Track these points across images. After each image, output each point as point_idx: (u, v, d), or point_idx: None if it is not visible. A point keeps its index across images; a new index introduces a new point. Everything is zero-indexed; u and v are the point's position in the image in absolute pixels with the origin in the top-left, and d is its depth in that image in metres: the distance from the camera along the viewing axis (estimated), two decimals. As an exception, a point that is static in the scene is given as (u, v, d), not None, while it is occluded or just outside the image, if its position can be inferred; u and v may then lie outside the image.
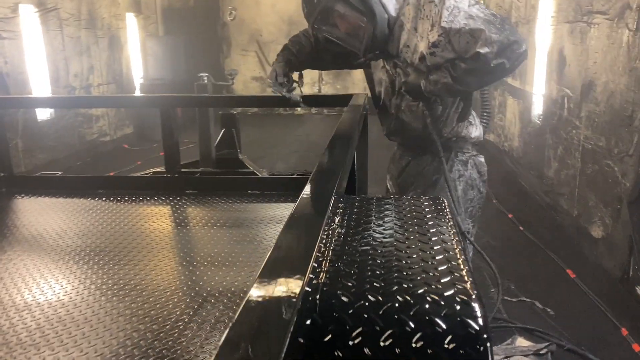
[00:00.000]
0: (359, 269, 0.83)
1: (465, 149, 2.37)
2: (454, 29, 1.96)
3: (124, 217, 2.37)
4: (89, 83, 7.76)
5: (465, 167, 2.35)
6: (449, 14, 1.97)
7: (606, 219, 3.90)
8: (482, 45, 1.92)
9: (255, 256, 1.94)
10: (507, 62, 1.96)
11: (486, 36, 1.91)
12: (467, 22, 1.95)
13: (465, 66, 1.99)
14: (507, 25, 2.00)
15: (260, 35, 11.60)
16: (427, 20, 2.05)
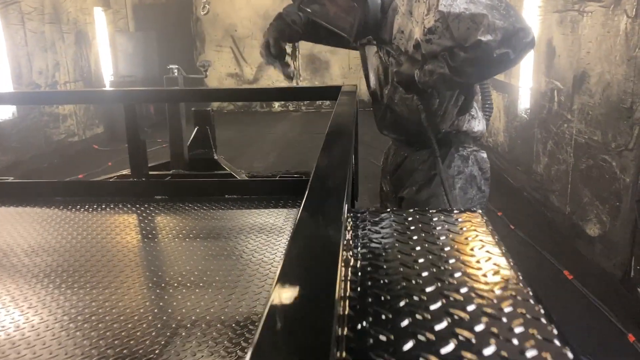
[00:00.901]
0: (395, 307, 0.58)
1: (467, 143, 2.17)
2: (452, 13, 1.73)
3: (83, 228, 2.08)
4: (55, 81, 7.36)
5: (465, 163, 2.15)
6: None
7: (603, 217, 3.73)
8: (484, 33, 1.69)
9: (234, 274, 1.68)
10: (512, 52, 1.74)
11: (489, 22, 1.69)
12: (467, 6, 1.72)
13: (465, 55, 1.76)
14: (513, 11, 1.78)
15: (235, 30, 11.28)
16: (422, 3, 1.83)
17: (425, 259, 0.71)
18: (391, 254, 0.73)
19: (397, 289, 0.65)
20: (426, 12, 1.81)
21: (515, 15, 1.76)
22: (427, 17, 1.81)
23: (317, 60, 11.10)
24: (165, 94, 2.60)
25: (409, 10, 1.88)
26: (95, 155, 7.65)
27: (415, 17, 1.87)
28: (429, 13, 1.80)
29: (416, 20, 1.87)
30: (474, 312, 0.58)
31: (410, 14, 1.89)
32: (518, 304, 0.59)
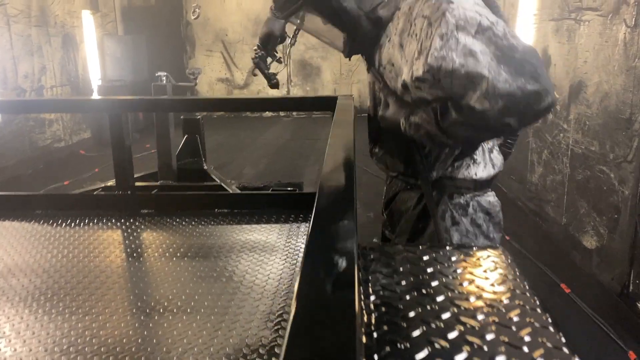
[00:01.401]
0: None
1: (465, 189, 1.73)
2: (444, 69, 1.34)
3: (64, 246, 1.96)
4: (41, 85, 7.21)
5: (463, 211, 1.72)
6: (442, 44, 1.35)
7: (600, 229, 3.66)
8: (480, 99, 1.31)
9: (224, 298, 1.57)
10: (517, 121, 1.37)
11: (488, 86, 1.29)
12: (465, 60, 1.32)
13: (457, 117, 1.40)
14: (531, 64, 1.32)
15: (225, 34, 11.18)
16: (414, 39, 1.46)
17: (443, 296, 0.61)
18: (413, 301, 0.64)
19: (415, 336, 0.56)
20: (417, 54, 1.43)
21: (532, 71, 1.32)
22: (418, 61, 1.42)
23: (308, 66, 11.01)
24: (152, 103, 2.49)
25: (400, 43, 1.51)
26: (82, 161, 7.50)
27: (406, 53, 1.49)
28: (419, 56, 1.42)
29: (406, 57, 1.49)
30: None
31: (401, 47, 1.51)
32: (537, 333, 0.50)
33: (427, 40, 1.38)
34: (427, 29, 1.39)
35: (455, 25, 1.34)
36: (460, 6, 1.37)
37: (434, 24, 1.37)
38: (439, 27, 1.35)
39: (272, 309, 1.51)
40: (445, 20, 1.35)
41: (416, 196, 1.75)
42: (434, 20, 1.38)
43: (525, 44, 1.37)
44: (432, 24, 1.38)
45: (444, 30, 1.34)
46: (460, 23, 1.34)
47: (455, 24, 1.34)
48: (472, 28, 1.35)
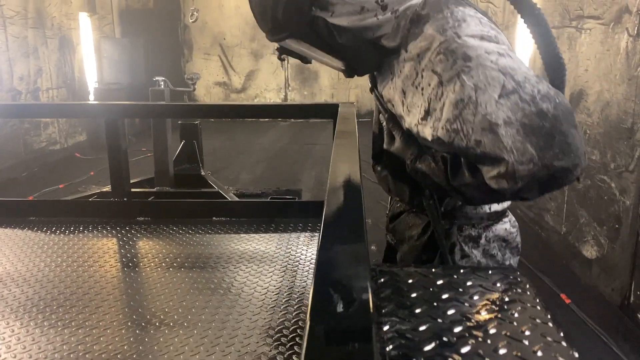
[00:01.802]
0: None
1: (477, 220, 1.52)
2: (457, 145, 1.14)
3: (58, 254, 1.92)
4: (37, 87, 7.16)
5: (474, 244, 1.52)
6: (456, 114, 1.12)
7: (601, 239, 3.63)
8: (498, 179, 1.12)
9: (222, 312, 1.53)
10: (535, 194, 1.18)
11: (508, 170, 1.08)
12: (482, 137, 1.09)
13: (470, 180, 1.21)
14: (566, 124, 1.09)
15: (223, 38, 11.15)
16: (420, 93, 1.22)
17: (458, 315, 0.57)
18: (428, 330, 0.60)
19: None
20: (422, 113, 1.21)
21: (562, 142, 1.08)
22: (425, 123, 1.21)
23: (306, 70, 10.99)
24: (149, 109, 2.45)
25: (403, 89, 1.28)
26: (77, 164, 7.44)
27: (408, 103, 1.28)
28: (427, 117, 1.20)
29: (408, 108, 1.28)
30: None
31: (403, 93, 1.29)
32: None
33: (437, 101, 1.16)
34: (437, 88, 1.16)
35: (474, 89, 1.10)
36: (480, 64, 1.11)
37: (447, 85, 1.14)
38: (453, 91, 1.12)
39: (272, 323, 1.47)
40: (461, 83, 1.11)
41: (422, 224, 1.55)
42: (446, 80, 1.14)
43: (557, 100, 1.11)
44: (445, 85, 1.14)
45: (459, 96, 1.11)
46: (480, 85, 1.09)
47: (474, 87, 1.10)
48: (494, 91, 1.09)
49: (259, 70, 11.20)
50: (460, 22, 1.19)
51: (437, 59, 1.16)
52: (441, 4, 1.24)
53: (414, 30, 1.22)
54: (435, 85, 1.16)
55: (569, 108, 1.12)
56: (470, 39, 1.15)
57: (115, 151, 2.23)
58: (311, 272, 1.80)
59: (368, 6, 1.25)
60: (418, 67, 1.22)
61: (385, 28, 1.25)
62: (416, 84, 1.23)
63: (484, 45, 1.14)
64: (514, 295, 0.68)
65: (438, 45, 1.17)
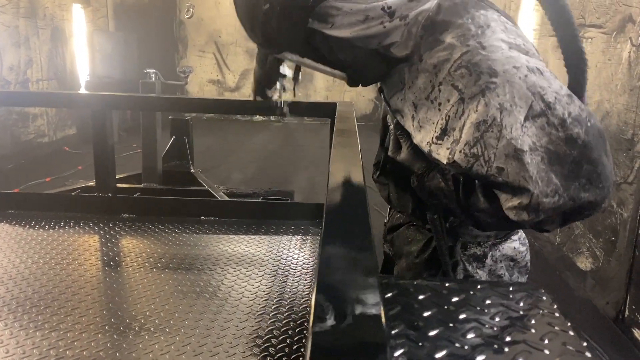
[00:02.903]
0: None
1: (482, 238, 1.39)
2: (475, 172, 1.02)
3: (35, 250, 1.82)
4: (27, 78, 7.02)
5: (479, 264, 1.40)
6: (477, 137, 0.99)
7: (596, 250, 3.58)
8: (519, 212, 1.00)
9: (207, 317, 1.44)
10: (558, 226, 1.08)
11: (531, 202, 0.98)
12: (505, 165, 0.98)
13: (485, 206, 1.09)
14: (596, 152, 1.00)
15: (219, 36, 11.05)
16: (435, 108, 1.09)
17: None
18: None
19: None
20: (438, 131, 1.08)
21: (590, 171, 0.99)
22: (440, 143, 1.08)
23: (300, 72, 10.89)
24: (139, 100, 2.35)
25: (414, 102, 1.14)
26: (65, 158, 7.31)
27: (420, 118, 1.13)
28: (443, 137, 1.06)
29: (419, 123, 1.14)
30: None
31: (414, 106, 1.14)
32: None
33: (456, 120, 1.03)
34: (457, 105, 1.03)
35: (499, 109, 0.98)
36: (507, 80, 0.99)
37: (469, 103, 1.01)
38: (475, 110, 1.00)
39: (259, 331, 1.38)
40: (485, 101, 0.99)
41: (423, 240, 1.43)
42: (468, 97, 1.01)
43: (589, 124, 1.00)
44: (466, 102, 1.02)
45: (482, 117, 0.98)
46: (505, 106, 0.98)
47: (500, 107, 0.98)
48: (521, 113, 0.97)
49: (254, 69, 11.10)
50: (483, 29, 1.07)
51: (459, 73, 1.03)
52: (459, 8, 1.11)
53: (428, 38, 1.10)
54: (455, 102, 1.04)
55: (601, 132, 1.02)
56: (496, 50, 1.03)
57: (102, 144, 2.13)
58: (302, 277, 1.71)
59: (373, 14, 1.13)
60: (434, 79, 1.08)
61: (394, 36, 1.12)
62: (432, 99, 1.09)
63: (512, 58, 1.02)
64: (541, 317, 0.60)
65: (459, 56, 1.04)
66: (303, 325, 1.43)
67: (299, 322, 1.45)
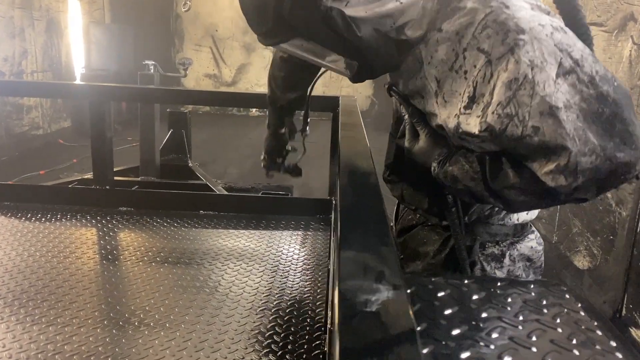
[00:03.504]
0: None
1: (502, 236, 1.37)
2: (510, 134, 0.97)
3: (31, 243, 1.79)
4: (21, 69, 6.95)
5: (497, 264, 1.37)
6: (509, 95, 0.96)
7: (594, 249, 3.57)
8: (555, 175, 0.96)
9: (208, 313, 1.41)
10: (594, 194, 1.02)
11: (570, 162, 0.94)
12: (541, 123, 0.94)
13: (515, 181, 1.04)
14: (627, 110, 0.97)
15: (215, 30, 10.98)
16: (462, 78, 1.04)
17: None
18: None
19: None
20: (466, 100, 1.03)
21: (623, 130, 0.96)
22: (469, 113, 1.03)
23: (298, 66, 10.85)
24: (139, 92, 2.31)
25: (437, 77, 1.08)
26: (60, 151, 7.25)
27: (446, 93, 1.08)
28: (472, 105, 1.02)
29: (444, 98, 1.08)
30: None
31: (437, 82, 1.09)
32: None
33: (484, 85, 0.99)
34: (485, 68, 0.99)
35: (530, 66, 0.95)
36: (535, 37, 0.97)
37: (497, 64, 0.98)
38: (505, 69, 0.96)
39: (261, 327, 1.36)
40: (515, 59, 0.96)
41: (439, 240, 1.39)
42: (496, 58, 0.98)
43: (616, 83, 0.98)
44: (494, 63, 0.98)
45: (513, 75, 0.95)
46: (536, 62, 0.95)
47: (530, 63, 0.95)
48: (551, 69, 0.95)
49: (251, 64, 11.05)
50: None
51: (484, 34, 0.99)
52: None
53: (445, 9, 1.06)
54: (482, 66, 0.99)
55: (627, 92, 1.00)
56: (520, 9, 1.00)
57: (99, 136, 2.10)
58: (304, 273, 1.69)
59: None
60: (458, 47, 1.03)
61: (410, 13, 1.07)
62: (456, 68, 1.04)
63: (536, 16, 1.00)
64: (566, 316, 0.58)
65: (483, 17, 1.00)
66: (306, 321, 1.41)
67: (301, 318, 1.42)
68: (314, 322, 1.41)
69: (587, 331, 0.55)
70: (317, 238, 1.98)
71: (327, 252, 1.85)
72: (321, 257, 1.82)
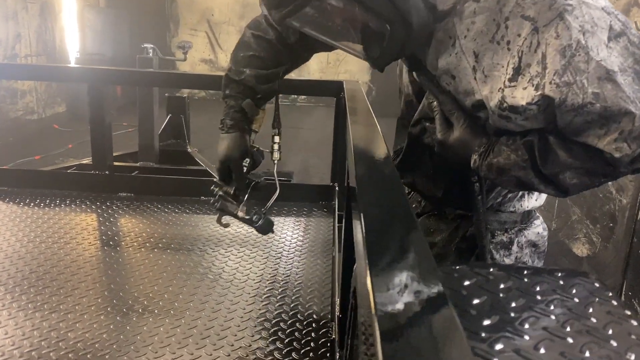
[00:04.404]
0: None
1: (510, 223, 1.34)
2: (571, 103, 0.92)
3: (31, 228, 1.76)
4: (15, 53, 6.85)
5: (506, 251, 1.35)
6: (565, 63, 0.91)
7: (593, 237, 3.57)
8: (618, 143, 0.91)
9: (213, 299, 1.39)
10: None
11: (634, 127, 0.90)
12: (600, 89, 0.90)
13: (568, 160, 0.98)
14: None
15: (211, 14, 10.85)
16: (504, 49, 0.98)
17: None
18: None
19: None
20: (510, 72, 0.97)
21: None
22: (515, 85, 0.97)
23: (294, 52, 10.75)
24: (138, 76, 2.28)
25: (473, 50, 1.01)
26: (55, 136, 7.17)
27: (485, 67, 1.01)
28: (518, 77, 0.96)
29: (484, 72, 1.01)
30: None
31: (475, 56, 1.02)
32: None
33: (531, 54, 0.94)
34: (531, 37, 0.94)
35: (582, 31, 0.91)
36: (582, 1, 0.93)
37: (545, 31, 0.92)
38: (556, 36, 0.91)
39: (267, 315, 1.34)
40: (565, 24, 0.91)
41: (447, 230, 1.36)
42: (543, 25, 0.92)
43: None
44: (541, 31, 0.93)
45: (566, 42, 0.90)
46: (587, 27, 0.91)
47: (581, 28, 0.91)
48: (603, 33, 0.92)
49: (247, 49, 10.94)
50: None
51: (529, 1, 0.94)
52: None
53: None
54: (528, 34, 0.94)
55: None
56: None
57: (98, 121, 2.06)
58: (309, 259, 1.67)
59: None
60: (499, 16, 0.97)
61: None
62: (497, 39, 0.98)
63: None
64: (598, 306, 0.56)
65: None
66: (312, 309, 1.39)
67: (308, 305, 1.41)
68: (320, 309, 1.39)
69: (621, 321, 0.53)
70: (319, 224, 1.96)
71: (331, 238, 1.83)
72: (325, 243, 1.80)
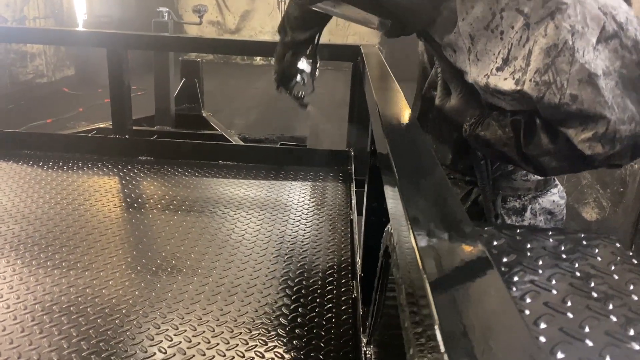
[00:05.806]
0: None
1: (523, 190, 1.36)
2: (547, 101, 0.94)
3: (57, 191, 1.81)
4: (23, 15, 6.82)
5: (518, 217, 1.37)
6: (548, 62, 0.93)
7: (603, 202, 3.61)
8: (592, 143, 0.94)
9: (237, 259, 1.44)
10: (629, 160, 1.02)
11: (608, 131, 0.93)
12: (579, 91, 0.92)
13: (549, 146, 1.02)
14: None
15: (219, -25, 10.69)
16: (497, 38, 1.01)
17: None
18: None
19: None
20: (500, 62, 1.00)
21: None
22: (500, 74, 1.00)
23: (303, 14, 10.59)
24: (157, 40, 2.28)
25: (471, 34, 1.04)
26: (65, 99, 7.19)
27: (479, 50, 1.04)
28: (505, 66, 0.99)
29: (477, 56, 1.04)
30: None
31: (471, 39, 1.04)
32: None
33: (519, 48, 0.96)
34: (522, 31, 0.96)
35: (571, 32, 0.91)
36: (578, 0, 0.93)
37: (535, 28, 0.94)
38: (544, 34, 0.93)
39: (290, 274, 1.40)
40: (555, 24, 0.92)
41: (460, 194, 1.38)
42: (535, 22, 0.94)
43: None
44: (532, 27, 0.94)
45: (552, 41, 0.92)
46: (577, 28, 0.91)
47: (571, 29, 0.91)
48: (593, 35, 0.92)
49: (255, 10, 10.81)
50: None
51: None
52: None
53: None
54: (519, 28, 0.96)
55: None
56: None
57: (118, 85, 2.09)
58: (327, 222, 1.72)
59: None
60: (496, 6, 0.98)
61: None
62: (492, 27, 1.00)
63: None
64: (620, 265, 0.60)
65: None
66: (333, 268, 1.44)
67: (328, 265, 1.46)
68: (340, 269, 1.45)
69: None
70: (337, 189, 2.00)
71: (347, 202, 1.87)
72: (342, 207, 1.85)
